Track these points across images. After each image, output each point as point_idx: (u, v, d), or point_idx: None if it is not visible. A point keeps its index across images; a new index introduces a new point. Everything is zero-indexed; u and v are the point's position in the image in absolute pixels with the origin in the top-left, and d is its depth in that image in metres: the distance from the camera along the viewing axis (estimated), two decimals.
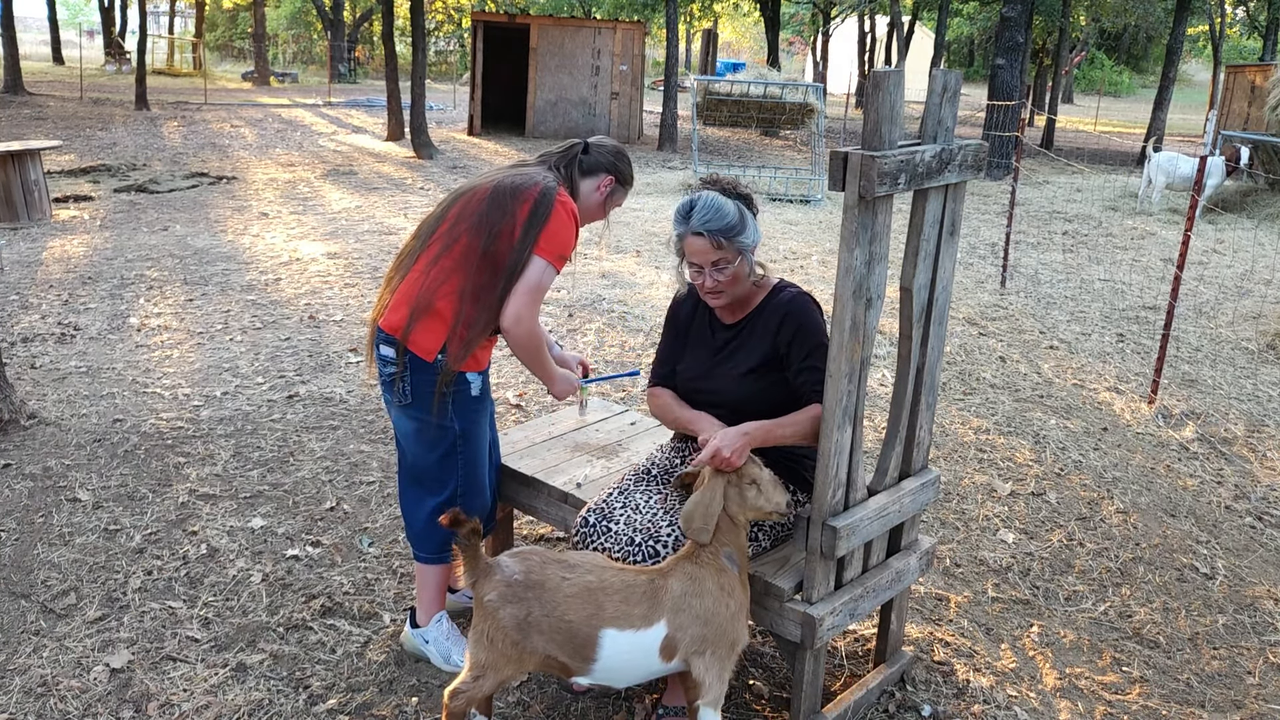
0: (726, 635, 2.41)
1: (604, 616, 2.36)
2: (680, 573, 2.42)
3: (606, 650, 2.36)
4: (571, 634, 2.36)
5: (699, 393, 2.84)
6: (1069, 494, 4.41)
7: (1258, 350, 6.79)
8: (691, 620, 2.38)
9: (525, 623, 2.36)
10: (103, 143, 15.43)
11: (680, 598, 2.39)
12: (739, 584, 2.45)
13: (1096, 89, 44.96)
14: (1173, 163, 12.73)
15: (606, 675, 2.43)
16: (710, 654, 2.41)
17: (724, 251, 2.65)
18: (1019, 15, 16.65)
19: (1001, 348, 6.54)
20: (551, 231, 2.71)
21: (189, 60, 38.27)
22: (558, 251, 2.73)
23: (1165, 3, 26.23)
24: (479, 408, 2.88)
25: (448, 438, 2.82)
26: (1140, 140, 19.40)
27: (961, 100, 3.41)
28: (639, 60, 19.91)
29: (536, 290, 2.71)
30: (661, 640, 2.38)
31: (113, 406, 4.87)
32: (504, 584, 2.38)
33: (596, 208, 2.98)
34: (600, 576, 2.41)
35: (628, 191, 3.04)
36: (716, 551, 2.44)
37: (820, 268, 8.63)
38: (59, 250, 8.17)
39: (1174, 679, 3.15)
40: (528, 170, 2.86)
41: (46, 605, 3.21)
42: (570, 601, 2.36)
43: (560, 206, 2.74)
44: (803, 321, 2.71)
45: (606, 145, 2.97)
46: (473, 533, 2.36)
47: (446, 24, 43.80)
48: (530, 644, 2.37)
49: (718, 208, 2.65)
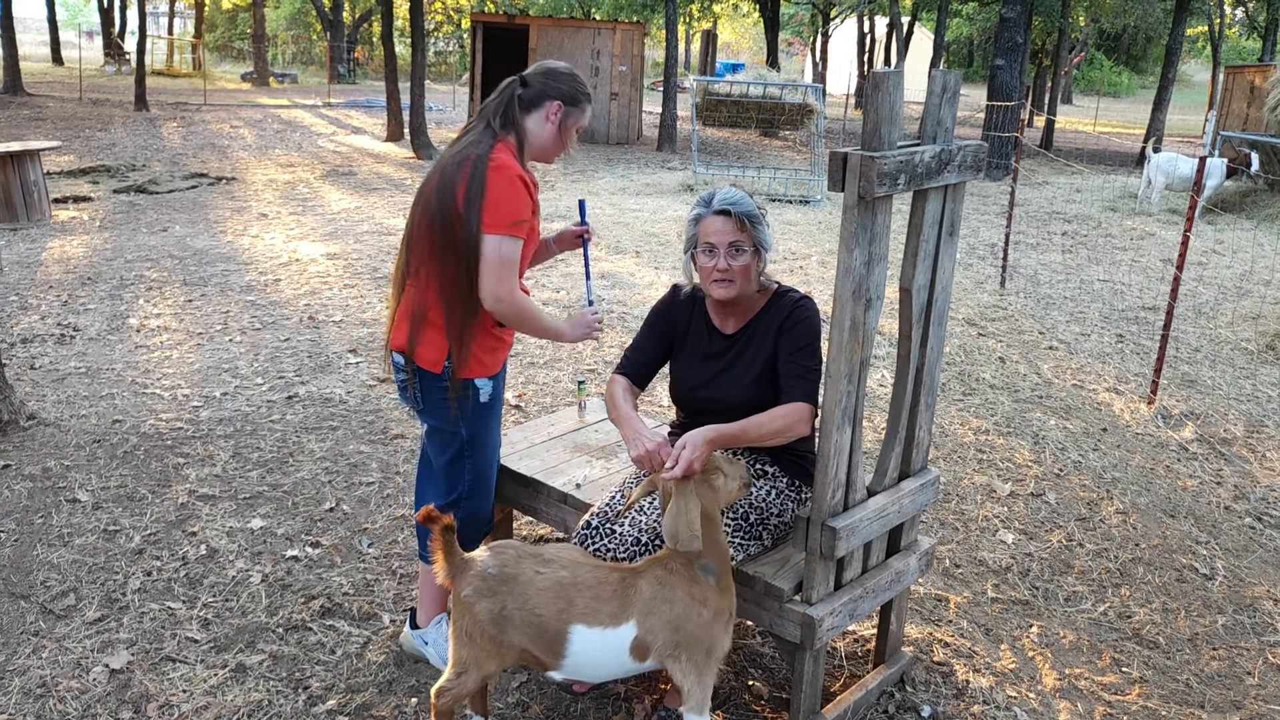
0: (701, 642, 2.37)
1: (574, 612, 2.35)
2: (651, 575, 2.39)
3: (576, 646, 2.35)
4: (542, 628, 2.35)
5: (702, 400, 2.81)
6: (1068, 494, 4.41)
7: (1257, 351, 6.79)
8: (661, 625, 2.35)
9: (500, 616, 2.35)
10: (102, 143, 15.43)
11: (649, 600, 2.36)
12: (714, 592, 2.38)
13: (1096, 89, 44.99)
14: (1172, 163, 12.74)
15: (578, 670, 2.41)
16: (686, 659, 2.37)
17: (744, 235, 2.66)
18: (1018, 16, 16.66)
19: (1001, 348, 6.54)
20: (493, 203, 2.57)
21: (188, 61, 38.28)
22: (507, 220, 2.58)
23: (1164, 3, 26.24)
24: (488, 413, 2.83)
25: (455, 443, 2.81)
26: (1139, 141, 19.42)
27: (961, 101, 3.41)
28: (638, 61, 19.91)
29: (500, 266, 2.60)
30: (631, 640, 2.36)
31: (112, 407, 4.87)
32: (479, 578, 2.37)
33: (553, 140, 2.78)
34: (574, 572, 2.39)
35: (585, 109, 2.80)
36: (689, 561, 2.38)
37: (820, 268, 8.63)
38: (58, 251, 8.17)
39: (1173, 679, 3.15)
40: (466, 139, 2.71)
41: (46, 606, 3.21)
42: (542, 595, 2.36)
43: (494, 173, 2.59)
44: (800, 320, 2.70)
45: (543, 69, 2.76)
46: (447, 529, 2.35)
47: (446, 25, 43.81)
48: (507, 637, 2.37)
49: (742, 195, 2.69)
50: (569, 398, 5.25)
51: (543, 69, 2.76)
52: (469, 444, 2.82)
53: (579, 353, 6.00)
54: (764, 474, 2.79)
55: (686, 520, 2.35)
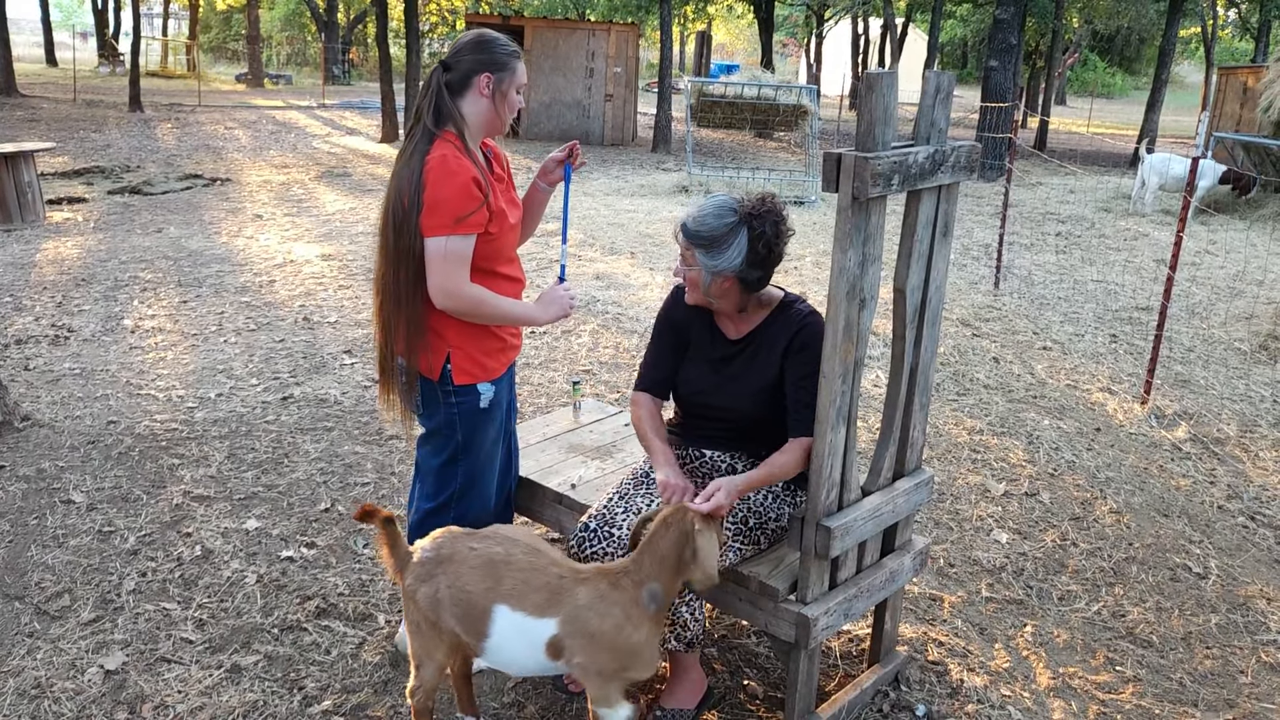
0: (618, 658, 2.32)
1: (500, 590, 2.31)
2: (592, 585, 2.34)
3: (498, 626, 2.31)
4: (470, 605, 2.32)
5: (707, 408, 2.80)
6: (1062, 494, 4.42)
7: (1250, 351, 6.81)
8: (582, 633, 2.30)
9: (436, 600, 2.32)
10: (96, 145, 15.40)
11: (581, 608, 2.30)
12: (650, 621, 2.34)
13: (1089, 91, 45.08)
14: (1165, 164, 12.78)
15: (498, 657, 2.37)
16: (594, 670, 2.32)
17: (687, 252, 2.65)
18: (1012, 17, 16.71)
19: (995, 348, 6.55)
20: (431, 203, 2.51)
21: (183, 62, 38.19)
22: (450, 219, 2.52)
23: (1158, 4, 26.32)
24: (486, 419, 2.78)
25: (449, 446, 2.78)
26: (1133, 142, 19.47)
27: (955, 102, 3.41)
28: (633, 62, 19.92)
29: (445, 262, 2.53)
30: (549, 637, 2.32)
31: (107, 408, 4.87)
32: (419, 565, 2.36)
33: (491, 114, 2.66)
34: (508, 550, 2.35)
35: (514, 69, 2.67)
36: (641, 582, 2.33)
37: (814, 269, 8.64)
38: (53, 252, 8.16)
39: (1167, 678, 3.16)
40: (407, 145, 2.64)
41: (40, 607, 3.21)
42: (472, 573, 2.33)
43: (429, 174, 2.52)
44: (809, 342, 2.64)
45: (459, 45, 2.66)
46: (387, 521, 2.33)
47: (441, 26, 43.77)
48: (442, 621, 2.33)
49: (711, 214, 2.61)
50: (564, 398, 5.26)
51: (459, 45, 2.65)
52: (463, 449, 2.79)
53: (574, 354, 6.00)
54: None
55: (716, 560, 2.35)
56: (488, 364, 2.73)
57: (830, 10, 33.62)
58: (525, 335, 6.27)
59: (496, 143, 2.84)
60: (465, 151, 2.59)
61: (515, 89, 2.68)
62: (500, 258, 2.73)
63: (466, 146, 2.61)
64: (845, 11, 32.86)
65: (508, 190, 2.76)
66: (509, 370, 2.84)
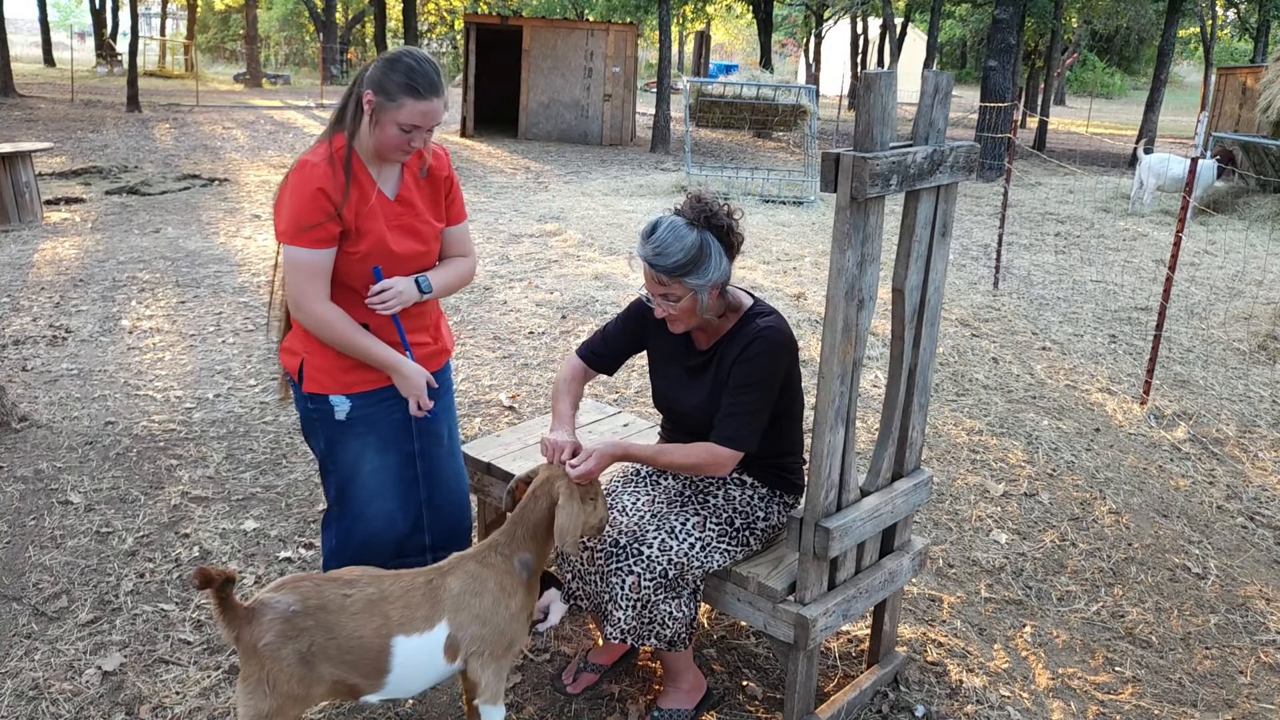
0: (504, 635, 2.39)
1: (392, 625, 2.28)
2: (461, 571, 2.39)
3: (399, 658, 2.29)
4: (364, 650, 2.26)
5: (687, 417, 2.79)
6: (1061, 494, 4.42)
7: (1249, 351, 6.81)
8: (470, 619, 2.35)
9: (308, 655, 2.22)
10: (94, 145, 15.39)
11: (459, 596, 2.35)
12: (524, 587, 2.43)
13: (1088, 91, 45.13)
14: (1164, 164, 12.78)
15: (400, 686, 2.34)
16: (488, 654, 2.38)
17: (668, 287, 2.53)
18: (1011, 17, 16.72)
19: (994, 349, 6.55)
20: (279, 208, 2.43)
21: (181, 62, 38.19)
22: (294, 227, 2.40)
23: (1157, 5, 26.33)
24: (347, 433, 2.63)
25: (317, 451, 2.73)
26: (1132, 142, 19.48)
27: (954, 102, 3.41)
28: (631, 62, 19.93)
29: (293, 273, 2.43)
30: (445, 640, 2.33)
31: (104, 409, 4.86)
32: (280, 620, 2.21)
33: (376, 135, 2.44)
34: (379, 587, 2.32)
35: (401, 104, 2.39)
36: (510, 555, 2.43)
37: (813, 269, 8.64)
38: (50, 252, 8.15)
39: (1166, 679, 3.16)
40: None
41: (38, 608, 3.20)
42: (358, 619, 2.26)
43: (289, 177, 2.44)
44: (754, 355, 2.58)
45: (384, 55, 2.47)
46: (227, 583, 2.15)
47: (439, 26, 43.79)
48: (317, 674, 2.24)
49: (672, 241, 2.49)
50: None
51: (382, 58, 2.46)
52: (330, 459, 2.68)
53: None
54: (741, 483, 2.79)
55: (577, 523, 2.44)
56: (342, 378, 2.58)
57: (829, 10, 33.63)
58: (525, 336, 6.27)
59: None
60: (338, 161, 2.44)
61: (397, 124, 2.41)
62: (372, 282, 2.54)
63: (347, 156, 2.45)
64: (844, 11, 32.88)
65: (402, 215, 2.57)
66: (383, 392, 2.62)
